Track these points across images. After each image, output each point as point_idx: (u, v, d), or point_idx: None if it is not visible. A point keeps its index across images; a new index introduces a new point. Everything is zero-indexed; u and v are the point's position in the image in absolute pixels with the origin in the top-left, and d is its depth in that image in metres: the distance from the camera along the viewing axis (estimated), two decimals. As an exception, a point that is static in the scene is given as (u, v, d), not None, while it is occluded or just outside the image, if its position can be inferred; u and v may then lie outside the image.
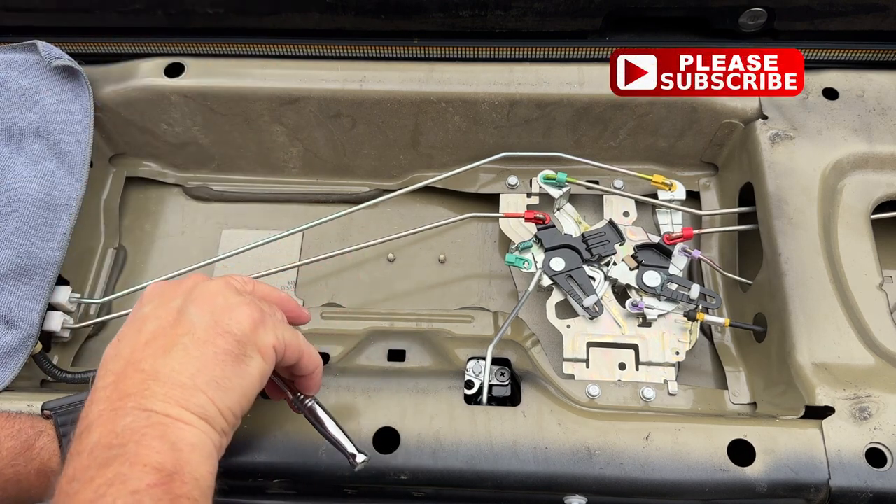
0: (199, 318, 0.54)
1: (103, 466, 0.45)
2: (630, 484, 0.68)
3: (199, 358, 0.52)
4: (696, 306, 0.83)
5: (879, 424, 0.68)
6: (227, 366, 0.53)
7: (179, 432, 0.48)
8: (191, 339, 0.52)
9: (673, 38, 0.97)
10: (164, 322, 0.54)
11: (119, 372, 0.51)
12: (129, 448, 0.46)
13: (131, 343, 0.53)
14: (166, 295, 0.57)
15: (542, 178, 0.91)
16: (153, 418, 0.48)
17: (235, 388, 0.53)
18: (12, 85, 0.91)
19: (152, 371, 0.50)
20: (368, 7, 0.93)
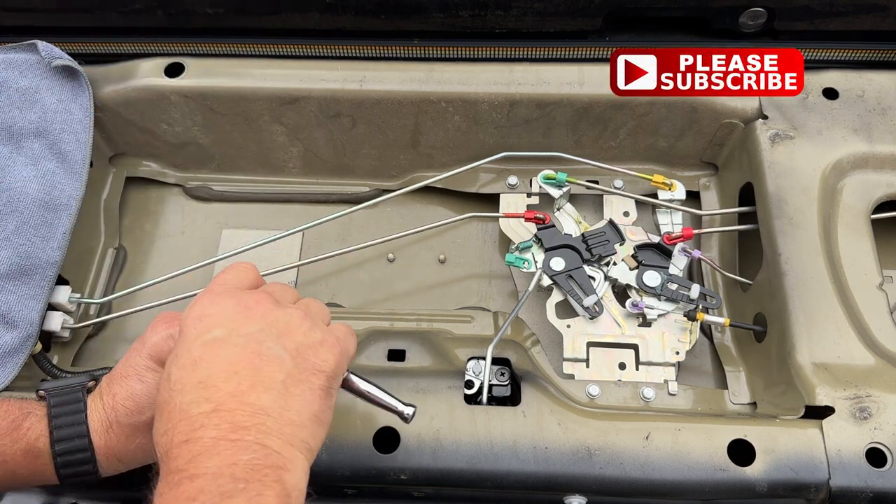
0: (286, 354, 0.53)
1: (226, 497, 0.45)
2: (630, 484, 0.68)
3: (300, 395, 0.52)
4: (696, 306, 0.83)
5: (879, 424, 0.68)
6: (322, 401, 0.53)
7: (292, 477, 0.49)
8: (288, 377, 0.52)
9: (673, 38, 0.97)
10: (246, 354, 0.52)
11: (220, 403, 0.49)
12: (252, 487, 0.46)
13: (216, 371, 0.51)
14: (239, 320, 0.54)
15: (542, 178, 0.91)
16: (271, 458, 0.48)
17: (327, 422, 0.54)
18: (12, 85, 0.91)
19: (261, 406, 0.49)
20: (368, 7, 0.93)
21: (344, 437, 0.70)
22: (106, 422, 0.59)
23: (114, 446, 0.59)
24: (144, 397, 0.59)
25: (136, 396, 0.59)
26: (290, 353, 0.53)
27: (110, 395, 0.60)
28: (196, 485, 0.46)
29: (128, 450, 0.60)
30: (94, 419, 0.59)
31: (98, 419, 0.59)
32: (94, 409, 0.60)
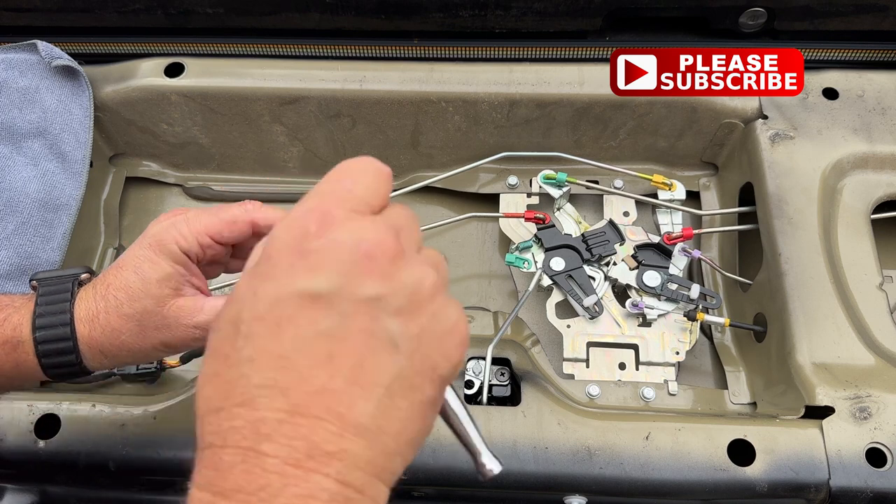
0: (405, 341, 0.36)
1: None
2: (630, 484, 0.68)
3: (405, 410, 0.36)
4: (696, 306, 0.83)
5: (879, 424, 0.68)
6: (426, 418, 0.38)
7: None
8: (396, 380, 0.36)
9: (673, 38, 0.97)
10: (352, 331, 0.35)
11: (300, 401, 0.34)
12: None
13: (301, 343, 0.34)
14: (357, 270, 0.35)
15: (542, 178, 0.91)
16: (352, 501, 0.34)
17: (423, 442, 0.39)
18: (12, 85, 0.91)
19: (354, 422, 0.34)
20: (368, 7, 0.93)
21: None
22: (94, 310, 0.55)
23: (98, 337, 0.55)
24: (137, 289, 0.54)
25: (129, 288, 0.55)
26: (409, 341, 0.36)
27: (104, 285, 0.56)
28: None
29: (112, 344, 0.55)
30: (81, 308, 0.55)
31: (86, 308, 0.55)
32: (84, 298, 0.56)
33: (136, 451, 0.70)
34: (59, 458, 0.71)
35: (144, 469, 0.70)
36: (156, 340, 0.55)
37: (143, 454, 0.70)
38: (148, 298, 0.54)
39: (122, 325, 0.54)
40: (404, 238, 0.38)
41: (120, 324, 0.54)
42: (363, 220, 0.37)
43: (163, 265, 0.55)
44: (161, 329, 0.55)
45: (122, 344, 0.55)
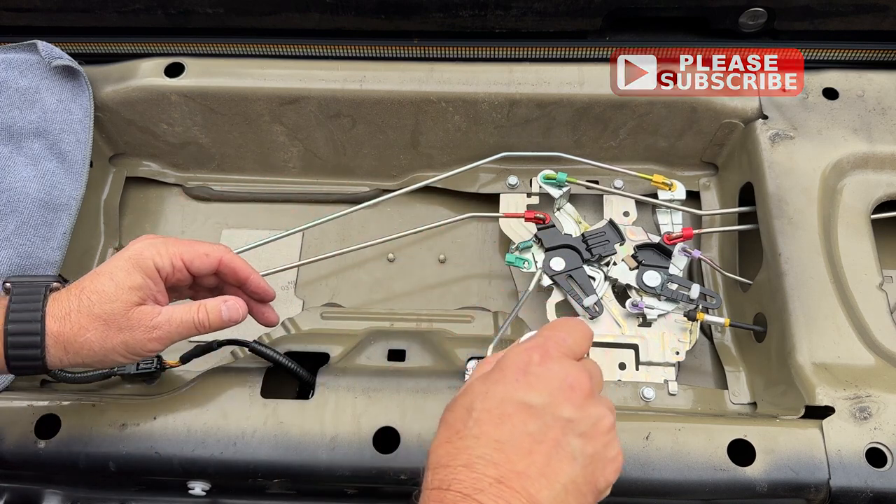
0: (581, 457, 0.50)
1: None
2: (630, 484, 0.68)
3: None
4: (696, 306, 0.83)
5: (879, 424, 0.68)
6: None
7: None
8: (571, 482, 0.49)
9: (673, 38, 0.97)
10: (549, 438, 0.49)
11: (505, 476, 0.47)
12: None
13: (516, 440, 0.49)
14: (560, 396, 0.51)
15: (542, 178, 0.91)
16: None
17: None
18: (12, 85, 0.91)
19: (536, 499, 0.47)
20: (368, 7, 0.93)
21: (344, 437, 0.70)
22: (66, 308, 0.61)
23: (66, 332, 0.60)
24: (110, 293, 0.62)
25: (103, 291, 0.62)
26: (584, 458, 0.50)
27: (78, 289, 0.62)
28: None
29: (76, 341, 0.61)
30: (54, 307, 0.61)
31: (59, 307, 0.61)
32: (58, 298, 0.62)
33: (136, 451, 0.70)
34: (59, 458, 0.71)
35: (144, 469, 0.70)
36: (117, 341, 0.62)
37: (143, 454, 0.70)
38: (118, 302, 0.61)
39: (89, 323, 0.61)
40: (594, 383, 0.53)
41: (88, 322, 0.61)
42: (571, 361, 0.53)
43: (136, 276, 0.63)
44: (123, 330, 0.62)
45: (86, 342, 0.61)
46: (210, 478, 0.72)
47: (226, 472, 0.70)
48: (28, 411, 0.72)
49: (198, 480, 0.72)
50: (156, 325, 0.64)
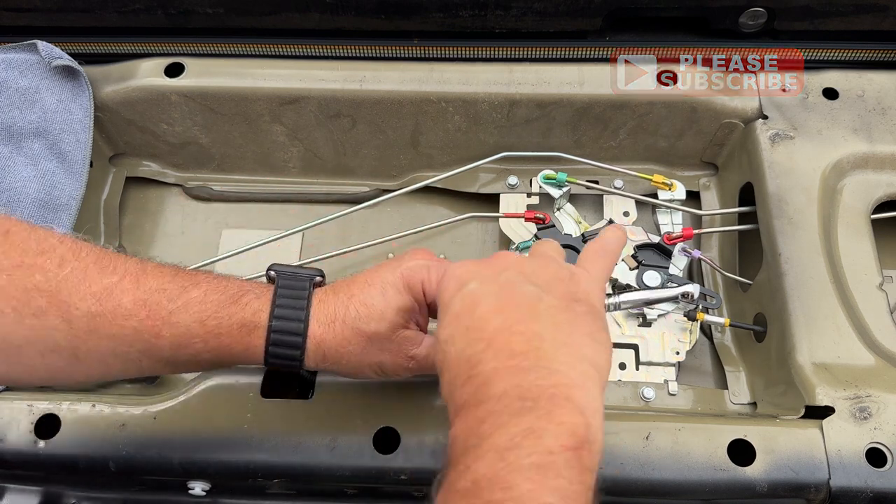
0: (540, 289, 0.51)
1: (516, 416, 0.44)
2: (630, 484, 0.68)
3: (569, 321, 0.50)
4: (696, 306, 0.83)
5: (879, 424, 0.68)
6: (588, 321, 0.51)
7: (582, 395, 0.46)
8: (549, 307, 0.50)
9: (673, 38, 0.97)
10: (503, 295, 0.51)
11: (490, 338, 0.48)
12: (541, 404, 0.44)
13: (475, 314, 0.50)
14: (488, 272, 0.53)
15: (542, 178, 0.91)
16: (555, 376, 0.46)
17: (605, 343, 0.51)
18: (12, 85, 0.91)
19: (534, 332, 0.48)
20: (368, 7, 0.93)
21: (344, 437, 0.70)
22: (332, 315, 0.58)
23: (328, 340, 0.58)
24: (378, 310, 0.58)
25: (372, 306, 0.58)
26: (542, 287, 0.51)
27: (347, 294, 0.59)
28: (483, 409, 0.45)
29: (337, 351, 0.58)
30: (320, 309, 0.58)
31: (325, 311, 0.58)
32: (323, 300, 0.59)
33: (136, 451, 0.70)
34: (59, 458, 0.71)
35: (144, 469, 0.70)
36: (374, 360, 0.59)
37: (143, 454, 0.70)
38: (384, 322, 0.58)
39: (353, 336, 0.58)
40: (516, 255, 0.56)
41: (352, 335, 0.58)
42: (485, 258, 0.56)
43: (406, 298, 0.59)
44: (383, 351, 0.60)
45: (347, 353, 0.59)
46: (210, 478, 0.72)
47: (226, 472, 0.70)
48: (28, 411, 0.72)
49: (198, 480, 0.72)
50: (413, 356, 0.61)
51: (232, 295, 0.57)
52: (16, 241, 0.52)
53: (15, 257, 0.51)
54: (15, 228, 0.52)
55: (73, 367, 0.54)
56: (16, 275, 0.51)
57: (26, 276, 0.51)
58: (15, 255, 0.51)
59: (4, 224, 0.52)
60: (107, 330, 0.53)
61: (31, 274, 0.51)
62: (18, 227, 0.52)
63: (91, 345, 0.53)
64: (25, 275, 0.51)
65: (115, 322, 0.53)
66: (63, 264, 0.52)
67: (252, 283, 0.60)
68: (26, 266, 0.51)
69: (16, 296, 0.51)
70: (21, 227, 0.53)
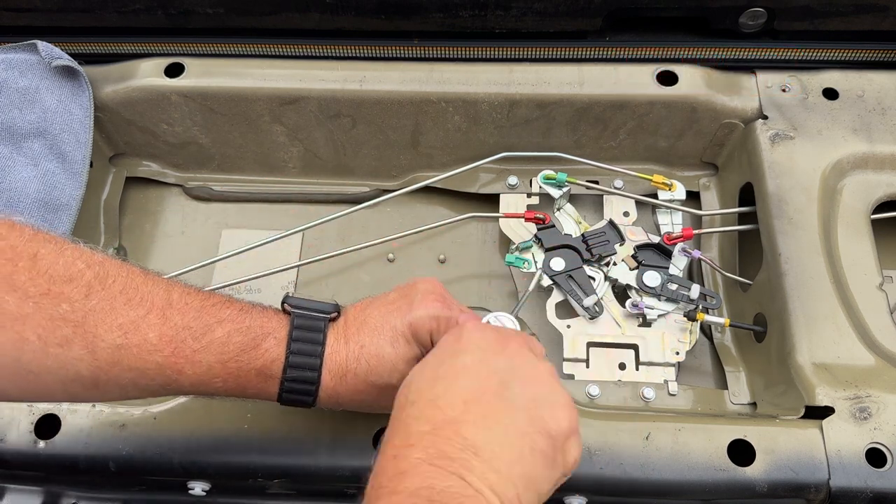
0: (522, 401, 0.51)
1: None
2: (630, 484, 0.68)
3: (517, 449, 0.49)
4: (696, 306, 0.83)
5: (879, 424, 0.68)
6: (538, 466, 0.50)
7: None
8: (512, 424, 0.49)
9: (673, 38, 0.97)
10: (486, 388, 0.51)
11: (438, 426, 0.48)
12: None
13: (449, 394, 0.50)
14: (491, 352, 0.53)
15: (542, 178, 0.91)
16: (468, 492, 0.46)
17: (540, 494, 0.50)
18: (12, 85, 0.91)
19: (473, 443, 0.47)
20: (368, 7, 0.93)
21: (344, 437, 0.70)
22: (343, 368, 0.58)
23: (340, 392, 0.58)
24: (388, 363, 0.58)
25: (382, 358, 0.58)
26: (526, 402, 0.51)
27: (357, 345, 0.59)
28: (393, 501, 0.45)
29: (352, 399, 0.59)
30: (331, 360, 0.58)
31: (336, 362, 0.58)
32: (335, 349, 0.58)
33: (136, 451, 0.70)
34: (59, 458, 0.71)
35: (144, 469, 0.70)
36: (387, 402, 0.57)
37: (143, 454, 0.70)
38: (395, 373, 0.58)
39: (365, 388, 0.59)
40: (532, 345, 0.57)
41: (364, 387, 0.59)
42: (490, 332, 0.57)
43: (414, 349, 0.59)
44: (390, 398, 0.57)
45: (359, 402, 0.60)
46: (210, 478, 0.72)
47: (226, 472, 0.70)
48: (28, 411, 0.72)
49: (198, 481, 0.72)
50: None
51: (254, 338, 0.57)
52: (43, 266, 0.51)
53: (42, 284, 0.50)
54: (43, 251, 0.51)
55: (90, 393, 0.54)
56: (43, 303, 0.50)
57: (53, 305, 0.50)
58: (42, 282, 0.50)
59: (33, 246, 0.51)
60: (130, 363, 0.53)
61: (57, 303, 0.50)
62: (47, 250, 0.51)
63: (113, 375, 0.53)
64: (52, 304, 0.50)
65: (140, 356, 0.53)
66: (90, 294, 0.52)
67: (272, 322, 0.59)
68: (53, 294, 0.50)
69: (42, 324, 0.50)
70: (49, 249, 0.51)
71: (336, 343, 0.59)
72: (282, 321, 0.59)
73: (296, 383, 0.57)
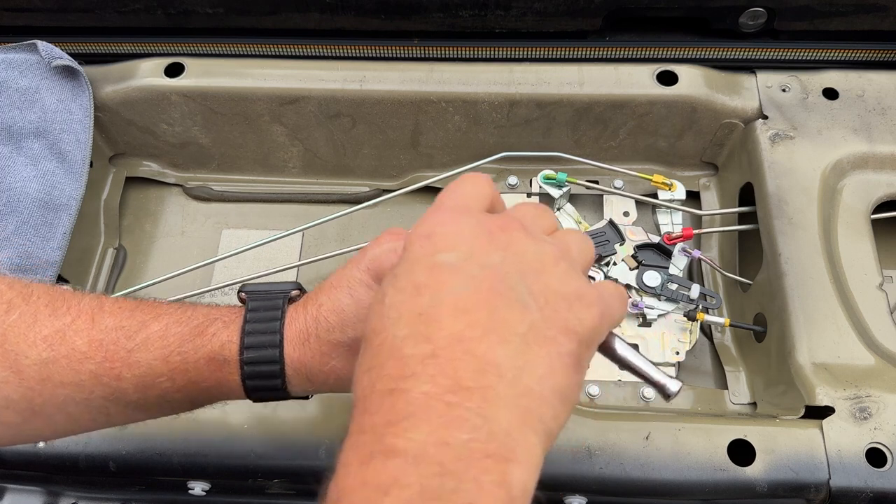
0: (531, 299, 0.39)
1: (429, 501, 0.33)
2: (630, 484, 0.68)
3: (544, 358, 0.38)
4: (696, 306, 0.83)
5: (879, 424, 0.68)
6: (570, 372, 0.40)
7: (521, 474, 0.35)
8: (531, 331, 0.38)
9: (673, 38, 0.97)
10: (482, 289, 0.38)
11: (440, 344, 0.36)
12: (464, 488, 0.34)
13: (441, 305, 0.38)
14: (477, 245, 0.40)
15: (542, 178, 0.91)
16: (495, 441, 0.35)
17: (572, 403, 0.40)
18: (12, 85, 0.91)
19: (492, 361, 0.37)
20: (368, 7, 0.93)
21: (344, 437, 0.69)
22: (304, 333, 0.51)
23: (307, 362, 0.51)
24: (350, 314, 0.51)
25: (342, 311, 0.51)
26: (536, 299, 0.40)
27: (315, 305, 0.52)
28: (392, 469, 0.34)
29: (320, 370, 0.51)
30: (292, 329, 0.51)
31: (297, 330, 0.51)
32: (294, 318, 0.52)
33: (136, 451, 0.70)
34: (59, 458, 0.71)
35: (144, 469, 0.70)
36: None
37: (143, 454, 0.70)
38: (360, 324, 0.50)
39: (332, 350, 0.51)
40: (530, 224, 0.44)
41: (330, 349, 0.51)
42: (483, 214, 0.43)
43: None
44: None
45: (332, 370, 0.52)
46: (210, 478, 0.72)
47: (226, 472, 0.70)
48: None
49: (198, 480, 0.72)
50: None
51: (196, 326, 0.51)
52: None
53: None
54: None
55: (31, 422, 0.49)
56: None
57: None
58: None
59: None
60: (61, 377, 0.47)
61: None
62: None
63: (46, 395, 0.47)
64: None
65: (71, 367, 0.47)
66: (10, 310, 0.47)
67: (222, 310, 0.53)
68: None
69: None
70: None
71: (294, 312, 0.52)
72: (233, 309, 0.53)
73: (257, 365, 0.50)
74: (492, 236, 0.41)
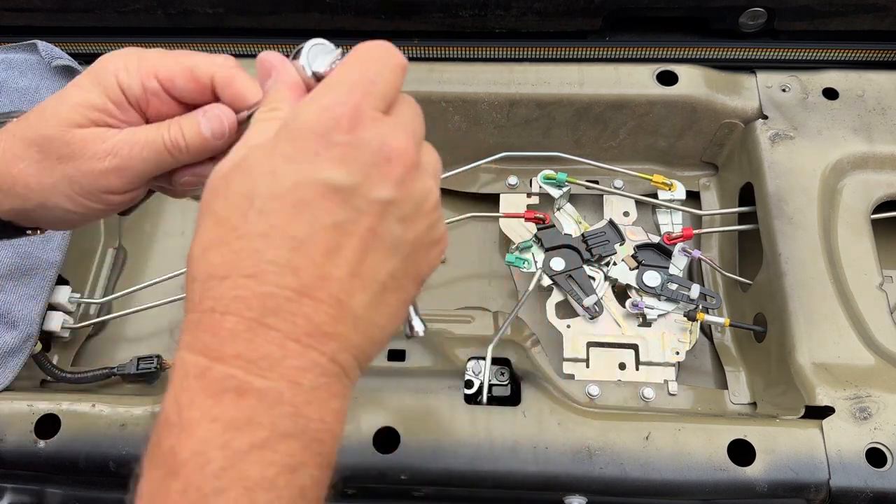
0: (403, 246, 0.39)
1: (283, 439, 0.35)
2: (630, 484, 0.68)
3: (392, 307, 0.39)
4: (696, 306, 0.83)
5: (879, 424, 0.68)
6: (402, 314, 0.41)
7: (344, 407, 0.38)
8: (390, 279, 0.38)
9: (673, 38, 0.97)
10: (361, 226, 0.37)
11: (308, 283, 0.36)
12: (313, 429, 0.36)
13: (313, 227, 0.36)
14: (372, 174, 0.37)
15: (542, 178, 0.91)
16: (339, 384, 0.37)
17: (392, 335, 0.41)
18: (12, 85, 0.91)
19: (352, 310, 0.37)
20: (368, 7, 0.93)
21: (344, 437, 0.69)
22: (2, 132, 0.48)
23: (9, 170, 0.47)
24: (49, 111, 0.47)
25: (42, 109, 0.47)
26: (406, 246, 0.39)
27: (21, 114, 0.49)
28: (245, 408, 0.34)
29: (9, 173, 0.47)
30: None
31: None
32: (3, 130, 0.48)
33: (136, 451, 0.70)
34: (59, 458, 0.71)
35: (144, 469, 0.70)
36: (58, 176, 0.47)
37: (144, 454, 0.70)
38: (54, 119, 0.46)
39: (23, 151, 0.47)
40: (416, 140, 0.41)
41: (21, 149, 0.47)
42: (388, 123, 0.39)
43: (92, 93, 0.47)
44: (64, 160, 0.46)
45: (20, 175, 0.47)
46: (210, 478, 0.71)
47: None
48: (28, 411, 0.72)
49: (198, 480, 0.72)
50: (109, 150, 0.46)
51: None
52: None
53: None
54: None
55: None
56: None
57: None
58: None
59: None
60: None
61: None
62: None
63: None
64: None
65: None
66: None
67: None
68: None
69: None
70: None
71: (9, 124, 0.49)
72: None
73: None
74: (390, 166, 0.38)
